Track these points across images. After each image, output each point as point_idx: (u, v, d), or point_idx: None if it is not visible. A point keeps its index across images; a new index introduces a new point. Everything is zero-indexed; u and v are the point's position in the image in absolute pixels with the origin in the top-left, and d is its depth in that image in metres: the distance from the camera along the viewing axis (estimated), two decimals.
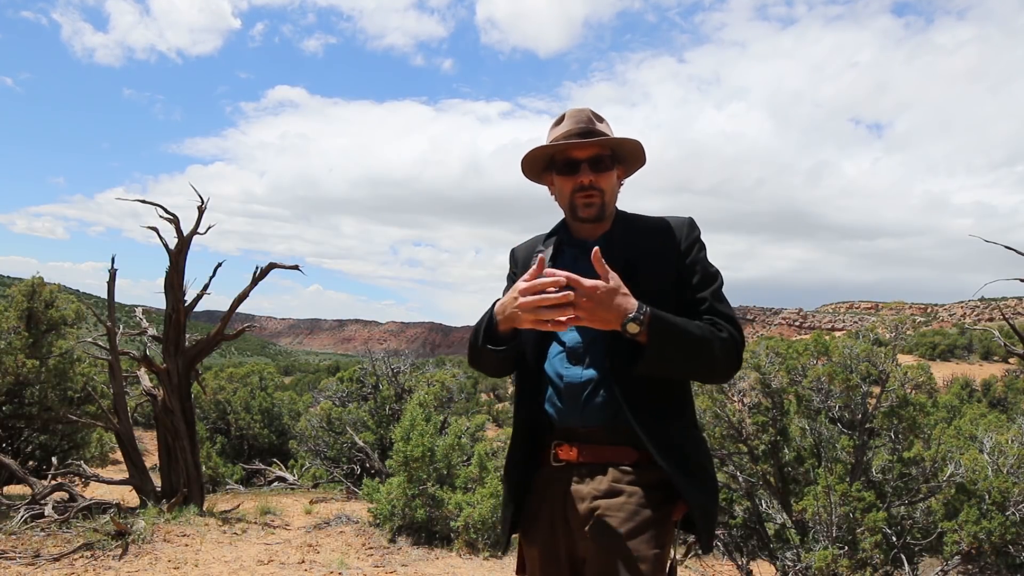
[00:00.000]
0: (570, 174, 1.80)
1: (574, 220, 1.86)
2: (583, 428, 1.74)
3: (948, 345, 42.82)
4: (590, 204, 1.80)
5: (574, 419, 1.74)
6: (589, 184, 1.79)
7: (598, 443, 1.73)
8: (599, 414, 1.72)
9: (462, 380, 11.82)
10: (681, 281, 1.78)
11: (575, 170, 1.79)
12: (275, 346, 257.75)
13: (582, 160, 1.79)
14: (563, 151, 1.81)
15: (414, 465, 6.02)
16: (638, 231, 1.84)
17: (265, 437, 13.10)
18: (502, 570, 5.44)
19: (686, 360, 1.65)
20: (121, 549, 4.83)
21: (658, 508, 1.66)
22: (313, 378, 32.31)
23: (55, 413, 7.34)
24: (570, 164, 1.80)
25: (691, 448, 1.72)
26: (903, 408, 5.69)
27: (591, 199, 1.79)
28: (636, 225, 1.86)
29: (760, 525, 6.02)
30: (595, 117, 1.84)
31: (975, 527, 5.08)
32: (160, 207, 6.55)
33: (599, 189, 1.79)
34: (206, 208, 6.61)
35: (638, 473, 1.69)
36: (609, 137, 1.80)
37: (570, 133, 1.80)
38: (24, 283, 7.72)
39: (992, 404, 22.36)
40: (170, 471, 6.54)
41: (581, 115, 1.82)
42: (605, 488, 1.68)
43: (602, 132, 1.81)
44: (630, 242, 1.81)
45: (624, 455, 1.71)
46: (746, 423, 6.16)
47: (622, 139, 1.81)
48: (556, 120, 1.87)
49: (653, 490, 1.68)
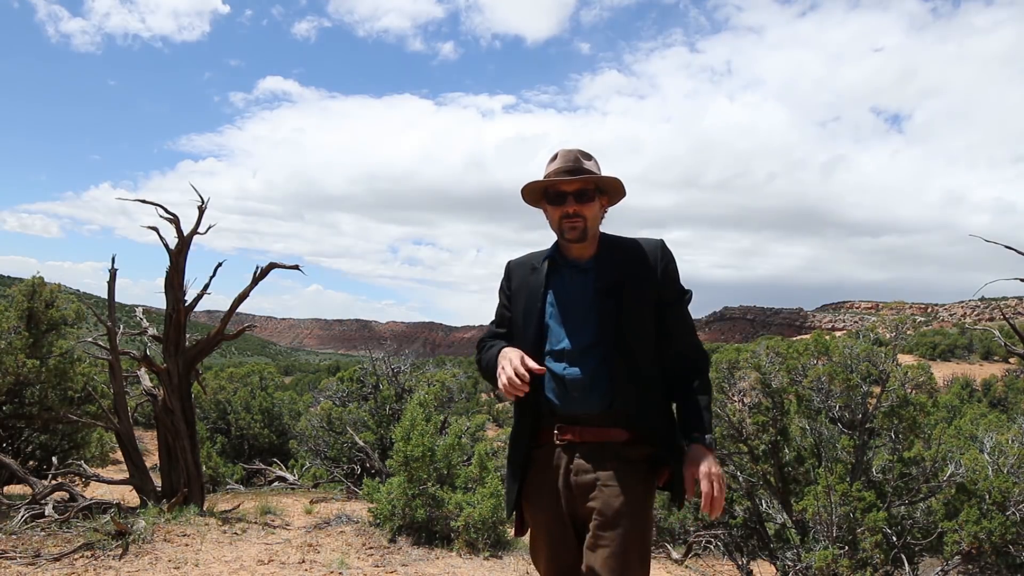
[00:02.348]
0: (558, 204, 2.18)
1: (563, 241, 2.23)
2: (584, 414, 2.12)
3: (948, 345, 42.81)
4: (573, 228, 2.17)
5: (576, 407, 2.13)
6: (573, 213, 2.16)
7: (597, 426, 2.11)
8: (598, 403, 2.11)
9: (462, 380, 11.82)
10: (659, 299, 2.17)
11: (562, 201, 2.17)
12: (275, 346, 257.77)
13: (568, 193, 2.17)
14: (554, 185, 2.19)
15: (414, 465, 6.02)
16: (622, 254, 2.21)
17: (265, 437, 13.10)
18: (502, 570, 5.44)
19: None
20: (121, 549, 4.83)
21: (645, 477, 2.11)
22: (313, 378, 32.30)
23: (55, 413, 7.34)
24: (559, 196, 2.18)
25: (670, 427, 2.18)
26: (903, 408, 5.69)
27: (575, 224, 2.17)
28: (619, 248, 2.23)
29: (760, 525, 6.02)
30: (583, 156, 2.21)
31: (975, 527, 5.08)
32: (160, 207, 6.55)
33: (582, 216, 2.16)
34: (206, 207, 6.61)
35: (629, 449, 2.10)
36: (591, 175, 2.17)
37: (559, 170, 2.18)
38: (24, 283, 7.72)
39: (992, 404, 22.37)
40: (170, 471, 6.54)
41: (570, 155, 2.20)
42: (603, 462, 2.08)
43: (587, 170, 2.18)
44: (616, 264, 2.19)
45: (618, 435, 2.11)
46: (746, 423, 6.16)
47: (603, 177, 2.18)
48: (551, 157, 2.24)
49: (641, 462, 2.11)
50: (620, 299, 2.13)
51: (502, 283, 2.38)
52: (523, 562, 5.66)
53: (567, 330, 2.16)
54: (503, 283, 2.37)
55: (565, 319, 2.18)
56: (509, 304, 2.33)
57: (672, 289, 2.20)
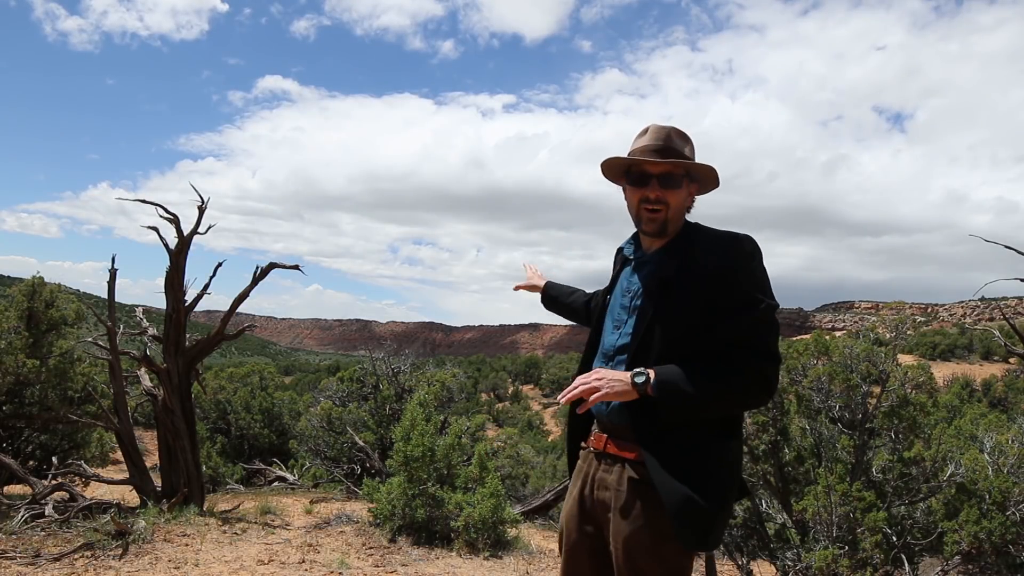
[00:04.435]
0: (640, 186, 1.92)
1: (639, 230, 2.00)
2: (611, 424, 1.94)
3: (948, 345, 42.78)
4: (653, 219, 1.92)
5: (606, 415, 1.94)
6: (655, 199, 1.90)
7: (622, 439, 1.91)
8: (622, 415, 1.89)
9: (462, 380, 11.82)
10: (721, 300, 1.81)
11: (645, 183, 1.91)
12: (275, 346, 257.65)
13: (653, 175, 1.90)
14: (638, 164, 1.92)
15: (414, 465, 6.02)
16: (691, 246, 1.90)
17: (265, 437, 13.10)
18: (502, 570, 5.44)
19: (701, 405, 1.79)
20: (121, 549, 4.83)
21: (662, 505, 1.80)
22: (313, 378, 32.31)
23: (55, 413, 7.33)
24: (642, 177, 1.92)
25: (697, 455, 1.81)
26: (903, 408, 5.68)
27: (655, 214, 1.91)
28: (691, 240, 1.92)
29: (760, 525, 6.02)
30: (677, 136, 1.93)
31: (975, 527, 5.08)
32: (160, 207, 6.55)
33: (665, 203, 1.90)
34: (206, 207, 6.61)
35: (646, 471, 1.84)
36: (683, 161, 1.90)
37: (647, 148, 1.91)
38: (25, 283, 7.72)
39: (992, 404, 22.36)
40: (170, 471, 6.54)
41: (662, 132, 1.92)
42: (620, 481, 1.88)
43: (679, 152, 1.90)
44: (679, 258, 1.89)
45: (639, 453, 1.86)
46: (746, 423, 6.16)
47: (696, 163, 1.92)
48: (641, 132, 1.98)
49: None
50: (664, 298, 1.85)
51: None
52: (523, 562, 5.66)
53: (610, 329, 2.00)
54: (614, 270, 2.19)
55: (612, 317, 2.01)
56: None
57: (735, 294, 1.79)
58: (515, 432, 18.44)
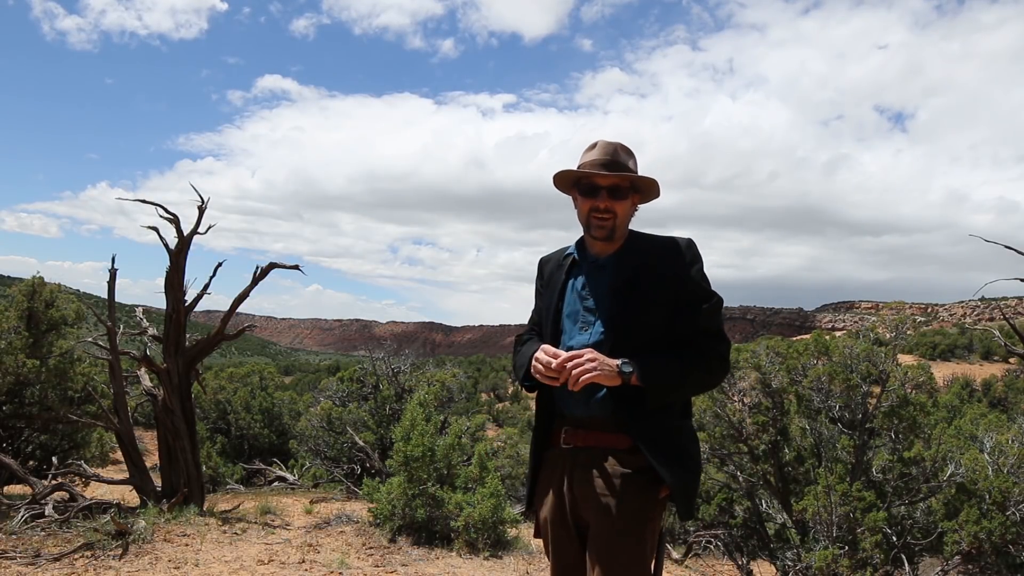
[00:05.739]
0: (590, 197, 2.10)
1: (588, 236, 2.16)
2: (587, 418, 2.07)
3: (948, 345, 42.78)
4: (602, 226, 2.09)
5: (580, 410, 2.07)
6: (604, 208, 2.08)
7: (599, 430, 2.05)
8: (600, 407, 2.04)
9: (462, 380, 11.82)
10: (679, 298, 2.06)
11: (595, 194, 2.09)
12: (275, 346, 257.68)
13: (602, 187, 2.08)
14: (588, 177, 2.10)
15: (414, 465, 6.02)
16: (644, 251, 2.12)
17: (265, 437, 13.10)
18: (502, 570, 5.44)
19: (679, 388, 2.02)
20: (121, 549, 4.83)
21: (647, 488, 1.99)
22: (313, 378, 32.32)
23: (55, 413, 7.33)
24: (592, 188, 2.10)
25: (675, 435, 2.04)
26: (903, 408, 5.69)
27: (604, 221, 2.09)
28: (642, 245, 2.14)
29: (760, 525, 6.02)
30: (623, 151, 2.12)
31: (975, 527, 5.08)
32: (160, 207, 6.55)
33: (613, 212, 2.08)
34: (206, 207, 6.61)
35: (631, 457, 2.01)
36: (628, 174, 2.09)
37: (595, 162, 2.09)
38: (25, 283, 7.72)
39: (992, 404, 22.35)
40: (170, 471, 6.54)
41: (609, 147, 2.11)
42: (603, 470, 2.01)
43: (625, 166, 2.10)
44: (635, 261, 2.10)
45: (620, 441, 2.03)
46: (746, 423, 6.17)
47: (640, 176, 2.10)
48: (589, 146, 2.15)
49: (644, 472, 2.00)
50: (630, 299, 2.05)
51: (536, 280, 2.35)
52: (523, 562, 5.66)
53: (576, 329, 2.12)
54: (536, 280, 2.34)
55: (576, 317, 2.13)
56: (540, 301, 2.30)
57: (693, 292, 2.06)
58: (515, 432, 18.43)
